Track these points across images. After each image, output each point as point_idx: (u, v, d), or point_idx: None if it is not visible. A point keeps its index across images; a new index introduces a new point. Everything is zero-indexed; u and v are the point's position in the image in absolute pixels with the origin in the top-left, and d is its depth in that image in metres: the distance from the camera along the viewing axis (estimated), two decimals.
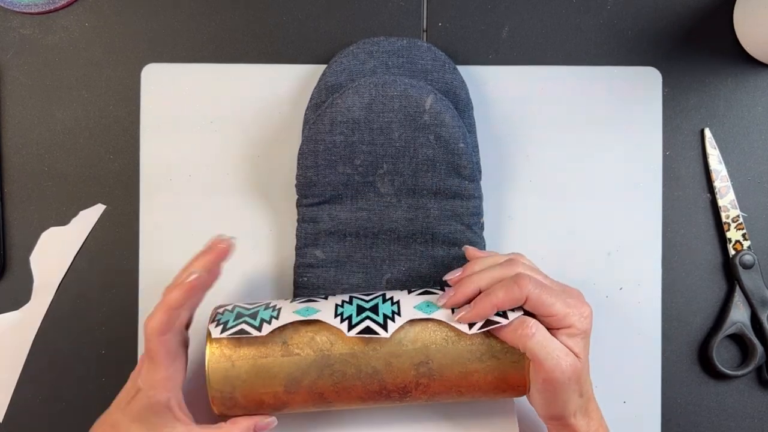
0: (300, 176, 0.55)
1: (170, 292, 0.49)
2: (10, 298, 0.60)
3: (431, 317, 0.49)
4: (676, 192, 0.60)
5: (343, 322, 0.48)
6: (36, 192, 0.60)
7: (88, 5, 0.60)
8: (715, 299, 0.60)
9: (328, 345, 0.48)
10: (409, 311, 0.49)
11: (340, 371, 0.48)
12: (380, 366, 0.48)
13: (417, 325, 0.49)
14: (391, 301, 0.50)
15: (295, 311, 0.49)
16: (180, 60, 0.60)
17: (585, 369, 0.49)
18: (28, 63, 0.60)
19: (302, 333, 0.49)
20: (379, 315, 0.49)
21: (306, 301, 0.52)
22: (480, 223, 0.56)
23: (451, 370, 0.49)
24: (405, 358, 0.48)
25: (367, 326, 0.48)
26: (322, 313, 0.49)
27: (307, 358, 0.48)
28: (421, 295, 0.51)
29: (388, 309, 0.49)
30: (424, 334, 0.49)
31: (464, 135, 0.55)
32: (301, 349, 0.49)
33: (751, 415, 0.59)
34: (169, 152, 0.59)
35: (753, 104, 0.60)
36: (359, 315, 0.49)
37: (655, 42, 0.60)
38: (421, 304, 0.50)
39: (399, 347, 0.48)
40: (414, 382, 0.49)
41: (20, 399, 0.59)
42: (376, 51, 0.56)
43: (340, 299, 0.51)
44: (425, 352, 0.48)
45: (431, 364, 0.48)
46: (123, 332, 0.59)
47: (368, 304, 0.50)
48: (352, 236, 0.56)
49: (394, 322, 0.48)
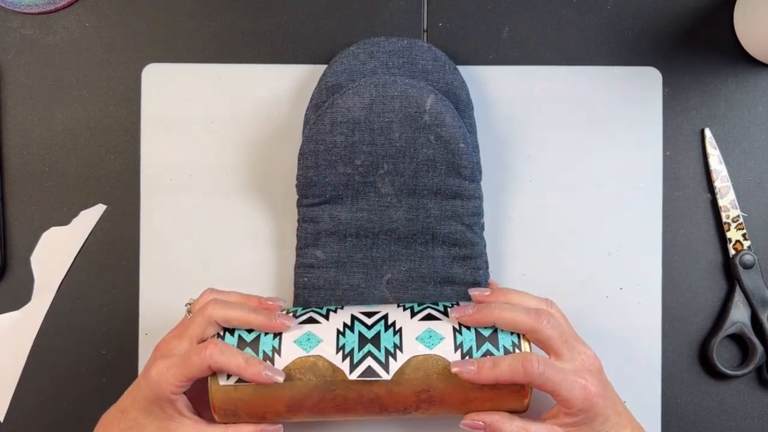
0: (300, 176, 0.55)
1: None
2: (11, 298, 0.60)
3: (433, 353, 0.49)
4: (676, 192, 0.60)
5: (345, 360, 0.49)
6: (37, 192, 0.60)
7: (88, 5, 0.60)
8: (716, 299, 0.60)
9: (330, 372, 0.49)
10: (411, 345, 0.49)
11: (342, 396, 0.49)
12: (382, 393, 0.49)
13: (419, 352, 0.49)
14: (393, 329, 0.50)
15: (296, 342, 0.50)
16: (180, 60, 0.60)
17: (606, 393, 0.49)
18: (28, 63, 0.60)
19: (305, 358, 0.49)
20: (381, 350, 0.49)
21: (307, 320, 0.51)
22: (480, 223, 0.56)
23: (451, 397, 0.49)
24: (406, 386, 0.49)
25: (368, 366, 0.48)
26: (323, 344, 0.49)
27: (309, 383, 0.49)
28: (423, 321, 0.51)
29: (390, 341, 0.49)
30: (426, 364, 0.49)
31: (464, 135, 0.55)
32: (303, 374, 0.49)
33: (751, 415, 0.60)
34: (169, 152, 0.59)
35: (753, 104, 0.60)
36: (361, 350, 0.49)
37: (655, 42, 0.60)
38: (423, 334, 0.50)
39: (401, 376, 0.49)
40: (415, 406, 0.50)
41: (21, 399, 0.60)
42: (377, 51, 0.56)
43: (341, 321, 0.51)
44: (427, 381, 0.49)
45: (432, 392, 0.49)
46: (123, 332, 0.59)
47: (370, 332, 0.50)
48: (353, 236, 0.56)
49: (395, 360, 0.49)
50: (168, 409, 0.49)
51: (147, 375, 0.49)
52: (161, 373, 0.48)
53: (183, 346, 0.50)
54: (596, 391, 0.48)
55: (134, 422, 0.50)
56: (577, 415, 0.48)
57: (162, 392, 0.48)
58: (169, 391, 0.48)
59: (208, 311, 0.50)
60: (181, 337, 0.50)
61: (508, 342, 0.49)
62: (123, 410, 0.50)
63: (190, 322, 0.50)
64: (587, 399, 0.48)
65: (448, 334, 0.50)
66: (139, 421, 0.49)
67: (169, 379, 0.48)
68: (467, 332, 0.50)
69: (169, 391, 0.48)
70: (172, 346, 0.50)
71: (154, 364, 0.49)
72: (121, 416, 0.50)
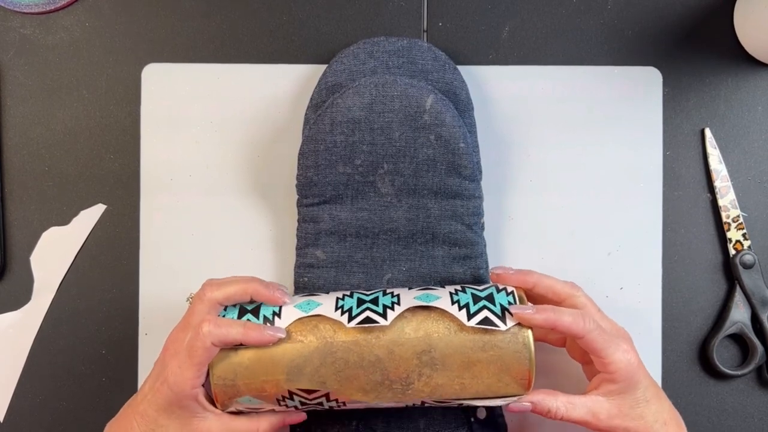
0: (300, 176, 0.55)
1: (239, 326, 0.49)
2: (11, 298, 0.60)
3: (432, 305, 0.49)
4: (676, 192, 0.60)
5: (344, 315, 0.49)
6: (37, 192, 0.60)
7: (88, 5, 0.60)
8: (716, 299, 0.60)
9: (331, 333, 0.49)
10: (409, 300, 0.50)
11: (343, 359, 0.49)
12: (383, 354, 0.49)
13: (419, 314, 0.49)
14: (392, 295, 0.51)
15: (297, 305, 0.50)
16: (180, 60, 0.60)
17: (641, 362, 0.50)
18: (28, 63, 0.60)
19: (305, 321, 0.49)
20: (379, 306, 0.49)
21: (307, 295, 0.52)
22: (480, 223, 0.56)
23: (453, 359, 0.49)
24: (407, 347, 0.49)
25: (367, 316, 0.48)
26: (323, 306, 0.50)
27: (310, 345, 0.49)
28: (421, 290, 0.52)
29: (388, 300, 0.50)
30: (426, 324, 0.49)
31: (464, 135, 0.55)
32: (304, 336, 0.49)
33: (751, 415, 0.60)
34: (169, 152, 0.59)
35: (753, 104, 0.60)
36: (359, 307, 0.50)
37: (655, 42, 0.60)
38: (421, 295, 0.50)
39: (401, 335, 0.49)
40: (417, 371, 0.49)
41: (21, 399, 0.60)
42: (377, 51, 0.56)
43: (341, 293, 0.52)
44: (427, 341, 0.49)
45: (433, 353, 0.49)
46: (123, 332, 0.59)
47: (368, 297, 0.51)
48: (353, 236, 0.56)
49: (393, 311, 0.49)
50: (191, 406, 0.49)
51: (165, 379, 0.49)
52: (175, 373, 0.48)
53: (188, 338, 0.49)
54: (635, 359, 0.49)
55: (155, 424, 0.49)
56: (619, 381, 0.49)
57: (183, 391, 0.48)
58: (190, 387, 0.48)
59: (206, 295, 0.50)
60: (185, 329, 0.50)
61: (504, 302, 0.49)
62: (142, 414, 0.49)
63: (191, 311, 0.50)
64: (629, 363, 0.49)
65: (445, 295, 0.50)
66: (160, 422, 0.49)
67: (186, 375, 0.48)
68: (463, 294, 0.50)
69: (189, 387, 0.48)
70: (179, 340, 0.49)
71: (168, 367, 0.49)
72: (141, 420, 0.49)
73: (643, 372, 0.50)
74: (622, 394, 0.49)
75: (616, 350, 0.48)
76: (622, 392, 0.49)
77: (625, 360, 0.48)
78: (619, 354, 0.48)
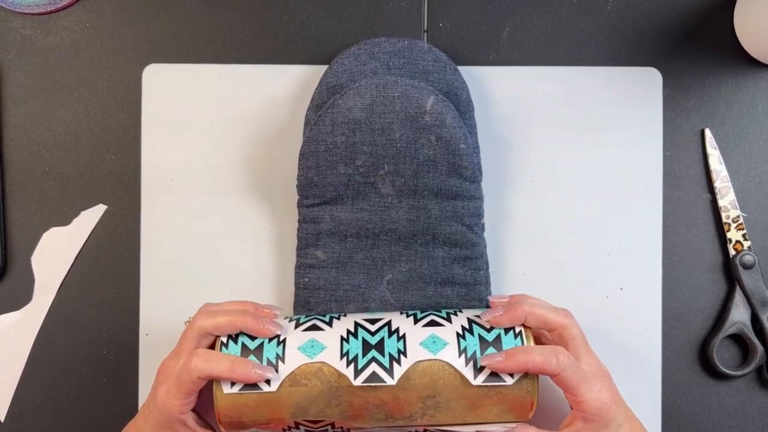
0: (301, 177, 0.55)
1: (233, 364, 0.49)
2: (12, 298, 0.60)
3: (438, 358, 0.49)
4: (676, 192, 0.60)
5: (350, 366, 0.49)
6: (37, 192, 0.60)
7: (89, 6, 0.60)
8: (716, 299, 0.60)
9: (336, 377, 0.49)
10: (414, 350, 0.49)
11: (347, 402, 0.49)
12: (387, 399, 0.49)
13: (425, 359, 0.49)
14: (397, 335, 0.50)
15: (300, 348, 0.50)
16: (181, 60, 0.60)
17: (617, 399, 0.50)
18: (29, 63, 0.60)
19: (310, 364, 0.49)
20: (385, 356, 0.49)
21: (310, 327, 0.51)
22: (481, 223, 0.57)
23: (457, 403, 0.49)
24: (412, 392, 0.49)
25: (373, 372, 0.48)
26: (327, 351, 0.49)
27: (315, 389, 0.49)
28: (427, 327, 0.51)
29: (394, 347, 0.50)
30: (432, 369, 0.49)
31: (465, 136, 0.55)
32: (308, 380, 0.49)
33: (751, 415, 0.60)
34: (170, 152, 0.60)
35: (753, 104, 0.60)
36: (365, 355, 0.49)
37: (655, 42, 0.60)
38: (426, 340, 0.50)
39: (407, 382, 0.49)
40: (420, 412, 0.49)
41: (21, 399, 0.60)
42: (377, 52, 0.56)
43: (345, 328, 0.51)
44: (433, 387, 0.49)
45: (438, 398, 0.49)
46: (123, 332, 0.59)
47: (373, 338, 0.50)
48: (353, 237, 0.56)
49: (400, 365, 0.49)
50: (180, 429, 0.50)
51: (154, 401, 0.50)
52: (164, 398, 0.49)
53: (180, 365, 0.50)
54: (609, 396, 0.49)
55: None
56: (590, 420, 0.49)
57: (171, 415, 0.49)
58: (177, 413, 0.49)
59: (196, 323, 0.50)
60: (177, 356, 0.51)
61: (512, 345, 0.50)
62: (138, 430, 0.51)
63: (183, 337, 0.51)
64: (602, 402, 0.48)
65: (452, 340, 0.50)
66: None
67: (173, 402, 0.49)
68: (471, 337, 0.50)
69: (177, 413, 0.49)
70: (170, 367, 0.50)
71: (158, 391, 0.50)
72: None
73: (620, 409, 0.50)
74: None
75: (588, 389, 0.48)
76: (594, 430, 0.49)
77: (598, 399, 0.48)
78: (593, 392, 0.48)
